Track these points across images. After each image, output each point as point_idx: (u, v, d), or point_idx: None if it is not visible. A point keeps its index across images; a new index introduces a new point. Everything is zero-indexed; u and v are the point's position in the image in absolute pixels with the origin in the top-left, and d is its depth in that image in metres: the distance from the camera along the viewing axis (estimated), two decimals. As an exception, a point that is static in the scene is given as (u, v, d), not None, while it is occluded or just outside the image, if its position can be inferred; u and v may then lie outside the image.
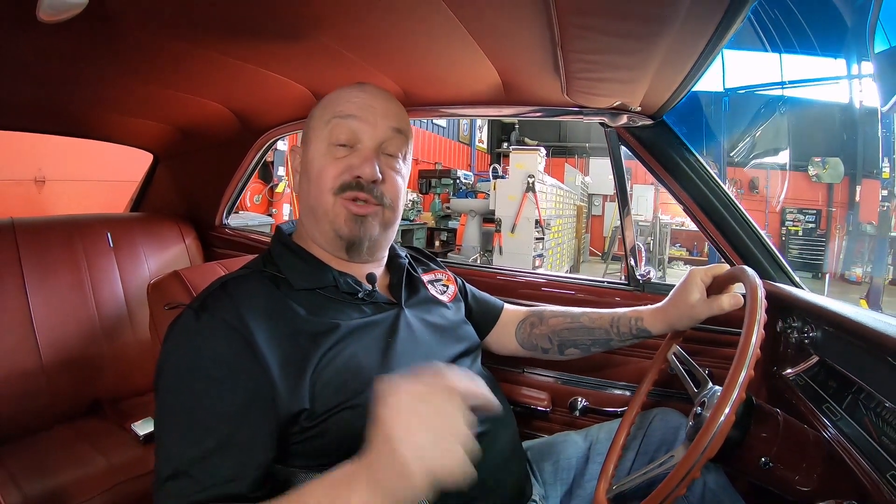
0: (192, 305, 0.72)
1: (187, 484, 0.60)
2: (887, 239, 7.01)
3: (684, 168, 1.26)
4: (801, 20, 7.05)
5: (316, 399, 0.69)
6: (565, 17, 0.62)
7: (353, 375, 0.72)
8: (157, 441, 0.65)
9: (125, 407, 1.42)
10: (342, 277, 0.82)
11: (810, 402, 0.86)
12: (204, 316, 0.70)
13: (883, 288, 7.03)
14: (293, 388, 0.68)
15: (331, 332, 0.74)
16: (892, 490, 0.59)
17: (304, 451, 0.70)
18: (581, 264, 9.33)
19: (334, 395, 0.70)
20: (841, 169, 8.94)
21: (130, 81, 1.20)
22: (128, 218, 1.76)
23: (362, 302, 0.82)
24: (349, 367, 0.72)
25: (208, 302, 0.72)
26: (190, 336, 0.69)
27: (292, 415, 0.67)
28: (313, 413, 0.68)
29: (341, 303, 0.80)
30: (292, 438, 0.69)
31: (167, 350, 0.69)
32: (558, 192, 6.56)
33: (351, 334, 0.75)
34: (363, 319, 0.79)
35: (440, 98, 1.37)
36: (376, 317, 0.81)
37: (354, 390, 0.70)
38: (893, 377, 0.65)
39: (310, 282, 0.80)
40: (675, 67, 0.84)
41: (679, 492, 0.57)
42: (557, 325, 1.05)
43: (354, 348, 0.74)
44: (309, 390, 0.69)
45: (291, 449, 0.69)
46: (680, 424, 0.98)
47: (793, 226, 9.63)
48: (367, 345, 0.76)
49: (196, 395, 0.64)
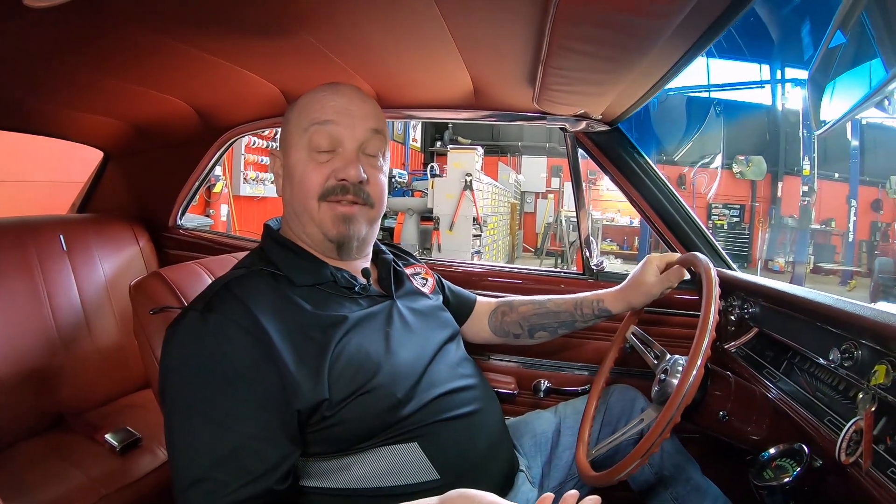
0: (195, 307, 0.72)
1: (214, 487, 0.60)
2: (808, 231, 7.79)
3: (636, 170, 1.40)
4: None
5: (333, 388, 0.71)
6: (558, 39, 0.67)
7: (364, 363, 0.75)
8: (171, 447, 0.64)
9: (91, 419, 1.35)
10: (338, 273, 0.85)
11: (752, 370, 0.99)
12: (212, 317, 0.70)
13: (805, 275, 7.79)
14: (313, 380, 0.70)
15: (339, 325, 0.77)
16: (830, 430, 0.71)
17: (322, 438, 0.72)
18: (515, 260, 9.64)
19: (350, 383, 0.73)
20: (763, 166, 9.81)
21: (83, 74, 1.12)
22: (80, 219, 1.66)
23: (358, 295, 0.86)
24: (359, 355, 0.76)
25: (214, 303, 0.72)
26: (199, 338, 0.69)
27: (313, 406, 0.69)
28: (332, 401, 0.71)
29: (340, 297, 0.83)
30: (311, 428, 0.71)
31: (173, 354, 0.69)
32: (494, 190, 6.75)
33: (356, 325, 0.79)
34: (363, 311, 0.83)
35: (411, 101, 1.41)
36: (373, 308, 0.85)
37: (366, 376, 0.74)
38: (823, 338, 0.78)
39: (310, 278, 0.83)
40: (642, 84, 0.94)
41: (665, 435, 0.66)
42: (527, 312, 1.14)
43: (360, 338, 0.78)
44: (328, 380, 0.71)
45: (309, 437, 0.72)
46: (636, 397, 1.09)
47: (718, 220, 10.42)
48: (370, 335, 0.80)
49: (211, 397, 0.65)
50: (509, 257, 8.81)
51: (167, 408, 0.67)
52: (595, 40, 0.66)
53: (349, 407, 0.72)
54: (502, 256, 7.70)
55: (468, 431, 0.82)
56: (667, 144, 8.68)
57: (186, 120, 1.54)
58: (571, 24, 0.61)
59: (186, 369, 0.67)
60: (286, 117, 0.89)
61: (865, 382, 0.64)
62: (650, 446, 0.67)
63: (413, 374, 0.80)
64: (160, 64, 1.09)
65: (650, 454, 0.70)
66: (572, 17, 0.58)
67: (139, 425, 1.30)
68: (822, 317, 0.79)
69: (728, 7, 0.59)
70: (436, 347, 0.88)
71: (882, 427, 0.62)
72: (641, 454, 0.71)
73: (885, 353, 0.64)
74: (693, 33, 0.67)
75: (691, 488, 0.99)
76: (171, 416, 0.66)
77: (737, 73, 8.91)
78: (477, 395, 0.88)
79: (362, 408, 0.73)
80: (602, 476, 0.82)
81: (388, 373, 0.77)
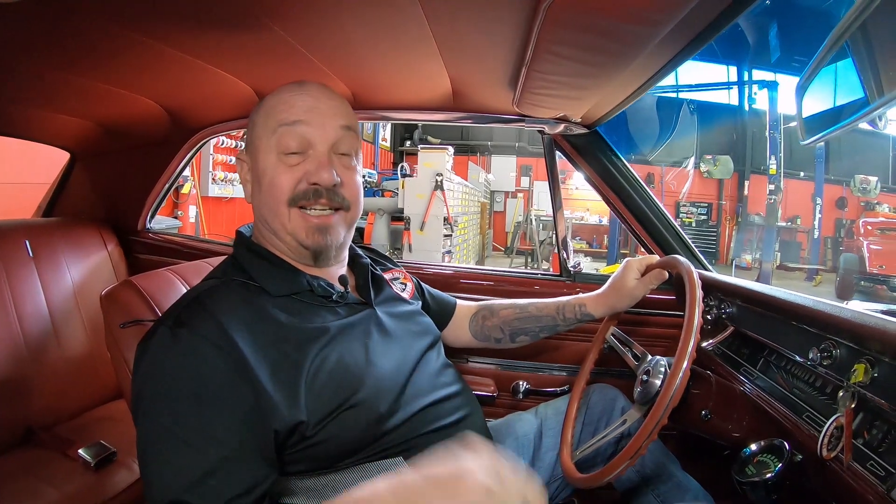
0: (165, 322, 0.68)
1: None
2: (774, 228, 8.09)
3: (612, 172, 1.42)
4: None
5: (313, 406, 0.68)
6: (544, 44, 0.66)
7: (345, 378, 0.73)
8: (145, 469, 0.62)
9: (62, 432, 1.30)
10: (315, 281, 0.82)
11: (730, 367, 1.02)
12: (182, 332, 0.66)
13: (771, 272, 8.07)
14: (289, 398, 0.67)
15: (316, 338, 0.74)
16: (810, 426, 0.73)
17: (304, 457, 0.70)
18: (486, 259, 9.71)
19: (331, 399, 0.70)
20: (730, 166, 10.15)
21: (49, 72, 1.06)
22: (46, 224, 1.59)
23: (336, 304, 0.82)
24: (339, 369, 0.73)
25: (184, 317, 0.68)
26: (169, 356, 0.65)
27: (290, 426, 0.67)
28: (312, 421, 0.68)
29: (317, 306, 0.80)
30: (291, 448, 0.68)
31: (144, 372, 0.66)
32: (464, 189, 6.75)
33: (335, 338, 0.76)
34: (341, 321, 0.80)
35: (387, 103, 1.39)
36: (352, 318, 0.82)
37: (348, 392, 0.72)
38: (801, 338, 0.81)
39: (285, 287, 0.79)
40: (625, 89, 0.94)
41: (653, 437, 0.67)
42: (508, 317, 1.14)
43: (340, 351, 0.75)
44: (305, 398, 0.68)
45: (288, 458, 0.69)
46: (616, 396, 1.11)
47: (686, 217, 10.72)
48: (350, 346, 0.77)
49: (184, 418, 0.62)
50: (479, 257, 8.86)
51: (140, 426, 0.64)
52: (582, 45, 0.66)
53: (332, 424, 0.70)
54: (473, 256, 7.73)
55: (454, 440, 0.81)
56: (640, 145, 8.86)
57: (156, 120, 1.49)
58: (559, 28, 0.61)
59: (157, 388, 0.64)
60: (252, 119, 0.85)
61: (845, 380, 0.66)
62: (638, 448, 0.68)
63: (396, 385, 0.78)
64: (130, 62, 1.04)
65: (639, 456, 0.71)
66: (561, 21, 0.58)
67: (113, 438, 1.25)
68: (800, 317, 0.81)
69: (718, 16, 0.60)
70: (417, 356, 0.87)
71: (859, 422, 0.65)
72: (630, 455, 0.72)
73: (863, 352, 0.66)
74: (680, 41, 0.68)
75: (673, 485, 1.00)
76: (143, 436, 0.63)
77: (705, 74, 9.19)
78: (461, 403, 0.87)
79: (345, 424, 0.71)
80: (589, 478, 0.83)
81: (371, 386, 0.74)
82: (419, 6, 0.74)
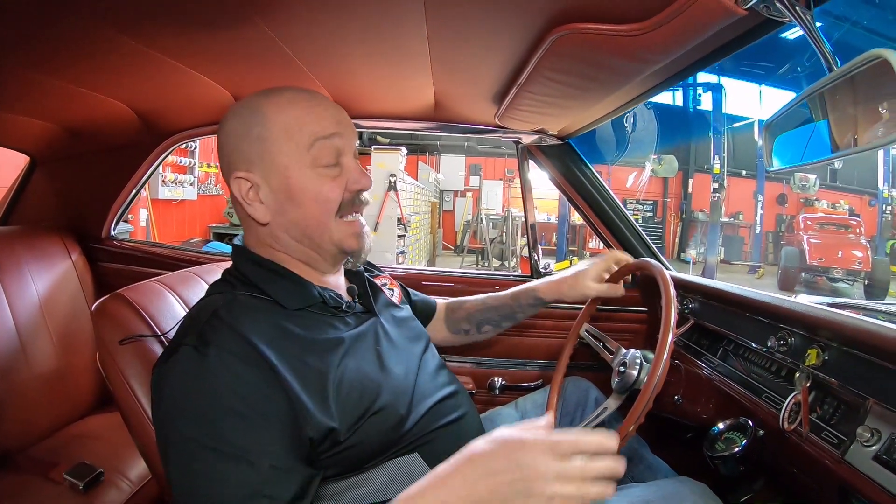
0: (186, 342, 0.68)
1: None
2: (718, 224, 8.60)
3: (582, 179, 1.53)
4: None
5: (341, 415, 0.70)
6: (541, 69, 0.71)
7: (365, 385, 0.75)
8: (191, 494, 0.61)
9: (39, 454, 1.24)
10: (325, 292, 0.83)
11: (692, 357, 1.13)
12: (210, 351, 0.66)
13: (716, 266, 8.55)
14: (320, 405, 0.68)
15: (334, 349, 0.76)
16: (769, 405, 0.85)
17: (334, 463, 0.71)
18: (437, 258, 9.81)
19: (356, 407, 0.73)
20: (675, 164, 10.67)
21: (9, 69, 1.00)
22: (6, 232, 1.50)
23: (345, 314, 0.84)
24: (359, 378, 0.75)
25: (209, 336, 0.67)
26: (200, 377, 0.65)
27: (324, 433, 0.68)
28: (342, 429, 0.70)
29: (329, 317, 0.81)
30: (323, 454, 0.69)
31: (173, 395, 0.65)
32: (416, 189, 6.83)
33: (350, 347, 0.78)
34: (353, 331, 0.82)
35: (368, 111, 1.41)
36: (361, 327, 0.84)
37: (371, 398, 0.75)
38: (758, 328, 0.93)
39: (300, 301, 0.79)
40: (603, 109, 1.01)
41: (640, 420, 0.75)
42: (472, 308, 1.22)
43: (357, 360, 0.77)
44: (334, 406, 0.70)
45: (321, 463, 0.70)
46: (588, 387, 1.19)
47: (633, 214, 11.13)
48: (364, 355, 0.79)
49: (228, 436, 0.61)
50: (430, 256, 8.90)
51: (175, 451, 0.62)
52: (576, 73, 0.72)
53: (360, 431, 0.72)
54: (424, 255, 7.74)
55: (460, 434, 0.85)
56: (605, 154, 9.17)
57: (126, 123, 1.44)
58: (559, 58, 0.66)
59: (193, 411, 0.63)
60: (260, 135, 0.77)
61: (801, 363, 0.78)
62: (628, 432, 0.76)
63: (407, 388, 0.82)
64: (99, 60, 0.98)
65: (627, 439, 0.79)
66: (563, 53, 0.64)
67: (95, 457, 1.21)
68: (757, 310, 0.93)
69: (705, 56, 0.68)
70: (418, 360, 0.91)
71: (813, 399, 0.77)
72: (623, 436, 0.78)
73: (815, 339, 0.78)
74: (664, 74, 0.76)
75: (644, 467, 1.09)
76: (183, 460, 0.62)
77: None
78: (461, 400, 0.92)
79: (372, 429, 0.73)
80: None
81: (390, 392, 0.78)
82: (425, 27, 0.76)
